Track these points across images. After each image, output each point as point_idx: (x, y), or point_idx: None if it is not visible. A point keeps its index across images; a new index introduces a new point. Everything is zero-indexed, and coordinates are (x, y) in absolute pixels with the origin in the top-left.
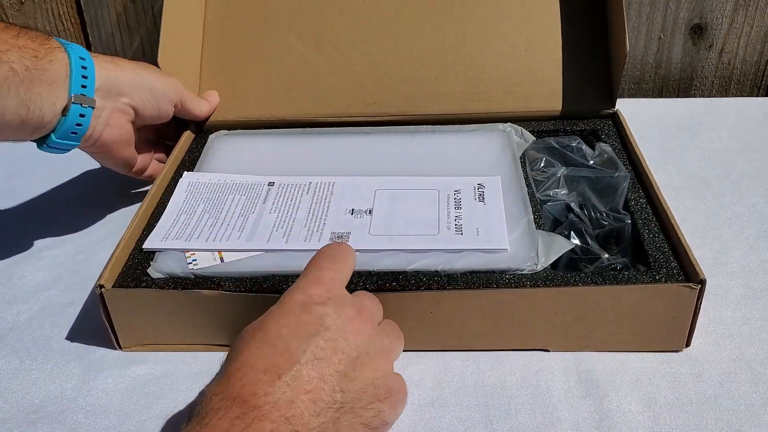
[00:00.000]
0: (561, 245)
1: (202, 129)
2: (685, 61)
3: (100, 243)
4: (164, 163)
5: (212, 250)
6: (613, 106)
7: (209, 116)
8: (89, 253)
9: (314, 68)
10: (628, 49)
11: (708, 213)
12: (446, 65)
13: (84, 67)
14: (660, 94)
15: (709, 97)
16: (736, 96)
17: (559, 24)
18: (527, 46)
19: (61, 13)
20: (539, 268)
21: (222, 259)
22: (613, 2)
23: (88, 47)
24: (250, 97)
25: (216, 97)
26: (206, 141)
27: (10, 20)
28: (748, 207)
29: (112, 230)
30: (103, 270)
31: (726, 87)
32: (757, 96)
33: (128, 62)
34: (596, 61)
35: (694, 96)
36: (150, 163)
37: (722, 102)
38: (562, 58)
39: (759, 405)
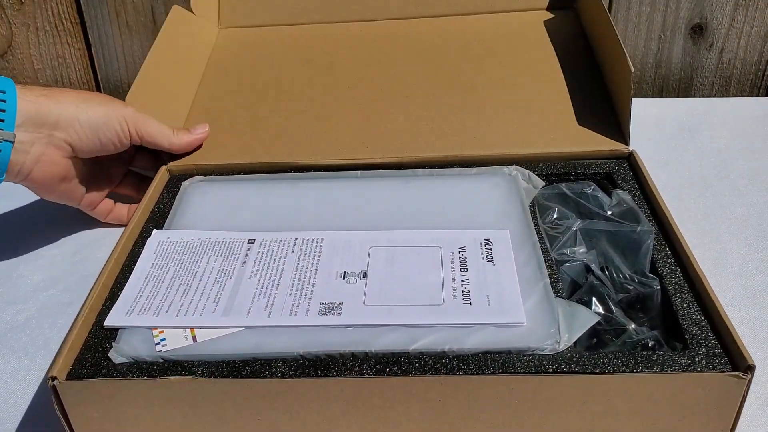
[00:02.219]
0: (585, 319)
1: (171, 171)
2: (685, 60)
3: (99, 242)
4: (134, 199)
5: (184, 327)
6: (627, 143)
7: (190, 150)
8: (88, 252)
9: (304, 113)
10: (633, 71)
11: (708, 213)
12: (445, 106)
13: (2, 101)
14: (660, 94)
15: (709, 96)
16: (736, 96)
17: (560, 63)
18: (529, 83)
19: (61, 12)
20: (561, 347)
21: (195, 339)
22: (605, 29)
23: (88, 47)
24: (230, 143)
25: (204, 130)
26: (179, 188)
27: (10, 20)
28: (747, 207)
29: (112, 229)
30: (57, 355)
31: (726, 87)
32: (758, 96)
33: (68, 93)
34: (603, 95)
35: (694, 96)
36: (102, 198)
37: (722, 102)
38: (568, 94)
39: (758, 405)
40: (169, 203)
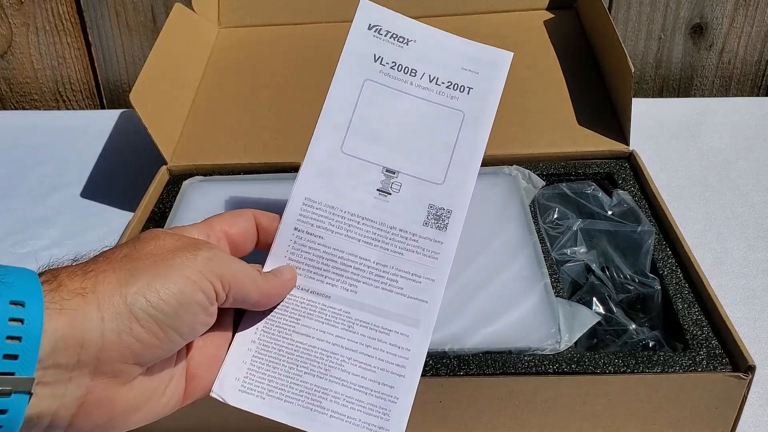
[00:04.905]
0: (585, 319)
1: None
2: (685, 60)
3: (101, 242)
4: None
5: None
6: (627, 143)
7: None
8: (89, 252)
9: (304, 113)
10: (633, 71)
11: (708, 213)
12: None
13: (17, 321)
14: (660, 94)
15: (710, 96)
16: (736, 96)
17: (560, 63)
18: (529, 83)
19: (61, 12)
20: (562, 347)
21: None
22: (606, 29)
23: (88, 47)
24: (230, 143)
25: (292, 274)
26: (179, 188)
27: (10, 20)
28: (747, 207)
29: (113, 228)
30: None
31: (726, 87)
32: (758, 96)
33: (113, 269)
34: (603, 95)
35: (694, 96)
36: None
37: (722, 102)
38: (568, 94)
39: (759, 405)
40: (169, 203)
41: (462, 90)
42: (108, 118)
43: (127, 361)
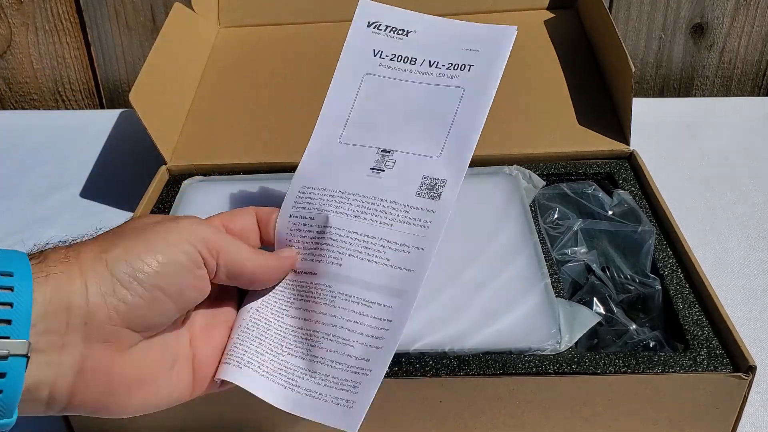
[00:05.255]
0: (586, 319)
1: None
2: (685, 60)
3: None
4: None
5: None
6: (627, 142)
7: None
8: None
9: (304, 113)
10: (633, 70)
11: (709, 213)
12: None
13: (7, 288)
14: (660, 94)
15: (710, 96)
16: (737, 96)
17: (560, 63)
18: (529, 83)
19: (60, 12)
20: (563, 347)
21: None
22: (606, 29)
23: (88, 47)
24: (230, 143)
25: (292, 253)
26: (178, 188)
27: (9, 20)
28: (748, 207)
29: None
30: None
31: (727, 87)
32: (758, 96)
33: (95, 241)
34: (604, 95)
35: (694, 95)
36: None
37: (723, 102)
38: (569, 94)
39: (759, 405)
40: (169, 203)
41: (462, 68)
42: (107, 118)
43: (115, 324)
